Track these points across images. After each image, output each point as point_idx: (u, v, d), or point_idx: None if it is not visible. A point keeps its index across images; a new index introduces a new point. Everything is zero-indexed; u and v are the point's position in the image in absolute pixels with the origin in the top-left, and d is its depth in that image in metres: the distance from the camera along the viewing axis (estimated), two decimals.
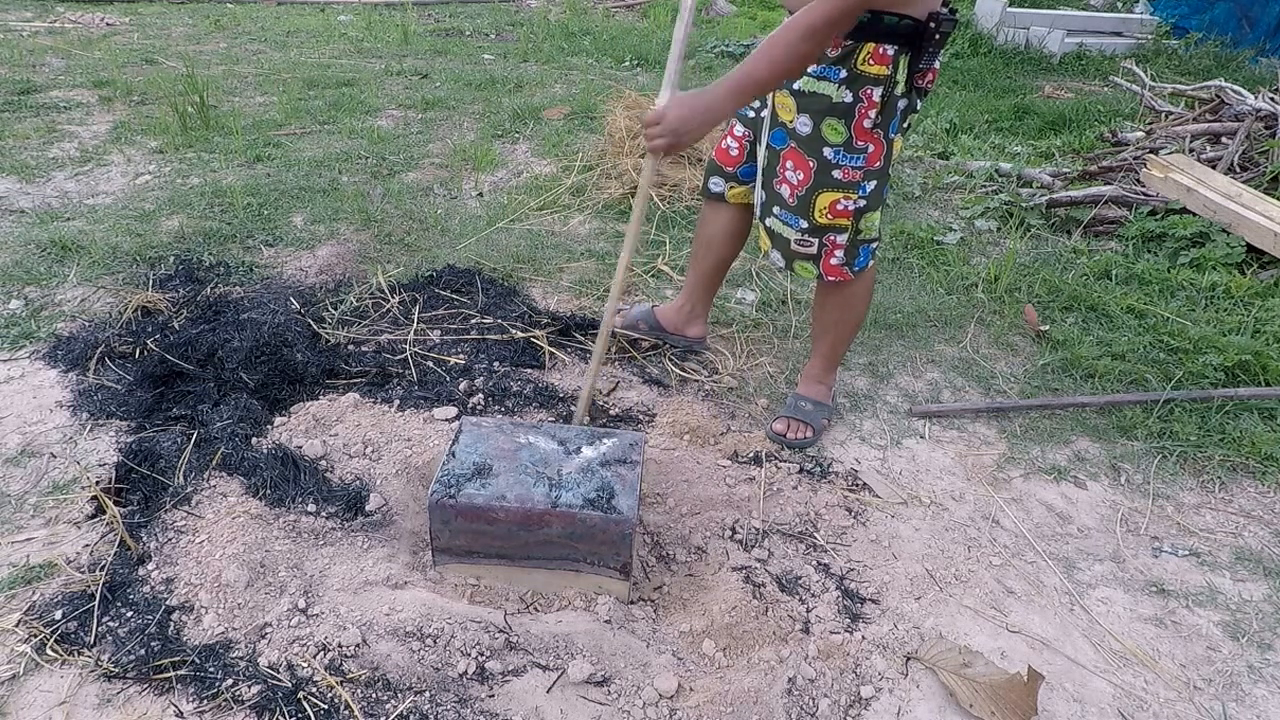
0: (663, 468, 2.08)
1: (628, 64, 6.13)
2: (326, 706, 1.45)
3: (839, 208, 1.93)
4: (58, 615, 1.59)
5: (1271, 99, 4.11)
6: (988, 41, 6.64)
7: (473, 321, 2.65)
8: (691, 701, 1.51)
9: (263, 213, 3.30)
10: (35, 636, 1.55)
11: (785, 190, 1.98)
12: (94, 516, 1.83)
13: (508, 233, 3.28)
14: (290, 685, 1.48)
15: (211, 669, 1.51)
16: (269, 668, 1.51)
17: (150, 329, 2.47)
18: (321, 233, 3.17)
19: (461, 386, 2.33)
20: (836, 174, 1.89)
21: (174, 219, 3.20)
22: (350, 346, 2.50)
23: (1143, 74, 5.09)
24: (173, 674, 1.50)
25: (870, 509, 2.03)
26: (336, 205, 3.39)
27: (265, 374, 2.29)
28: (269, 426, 2.11)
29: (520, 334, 2.58)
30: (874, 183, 1.92)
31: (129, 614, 1.61)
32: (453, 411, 2.23)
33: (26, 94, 4.62)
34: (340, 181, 3.66)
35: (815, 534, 1.93)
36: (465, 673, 1.52)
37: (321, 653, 1.54)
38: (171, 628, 1.59)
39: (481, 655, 1.55)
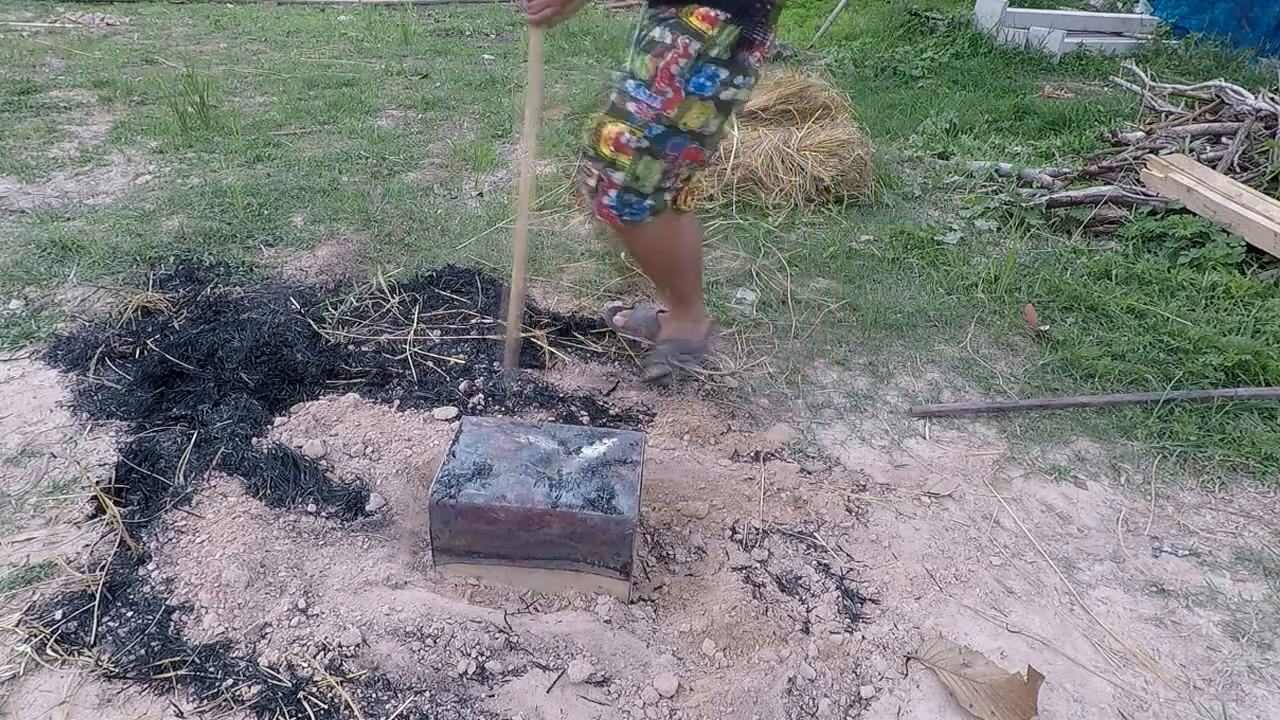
0: (663, 467, 2.08)
1: None
2: (326, 706, 1.45)
3: (621, 141, 1.94)
4: (58, 615, 1.59)
5: (1271, 99, 4.11)
6: (988, 41, 6.64)
7: (473, 321, 2.65)
8: (691, 701, 1.51)
9: (263, 213, 3.30)
10: (35, 636, 1.55)
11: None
12: (94, 516, 1.83)
13: (508, 233, 3.28)
14: (290, 685, 1.48)
15: (211, 669, 1.51)
16: (269, 668, 1.51)
17: (150, 329, 2.47)
18: (321, 233, 3.17)
19: (461, 386, 2.33)
20: (631, 106, 1.92)
21: (174, 219, 3.20)
22: (350, 346, 2.50)
23: (1143, 74, 5.09)
24: (173, 674, 1.50)
25: (870, 509, 2.03)
26: (336, 205, 3.39)
27: (265, 374, 2.29)
28: (269, 426, 2.12)
29: (520, 334, 2.57)
30: (661, 128, 1.92)
31: (129, 614, 1.61)
32: (453, 411, 2.23)
33: (26, 94, 4.62)
34: (340, 181, 3.66)
35: (815, 534, 1.93)
36: (465, 673, 1.52)
37: (321, 653, 1.54)
38: (171, 628, 1.59)
39: (481, 655, 1.55)
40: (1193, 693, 1.63)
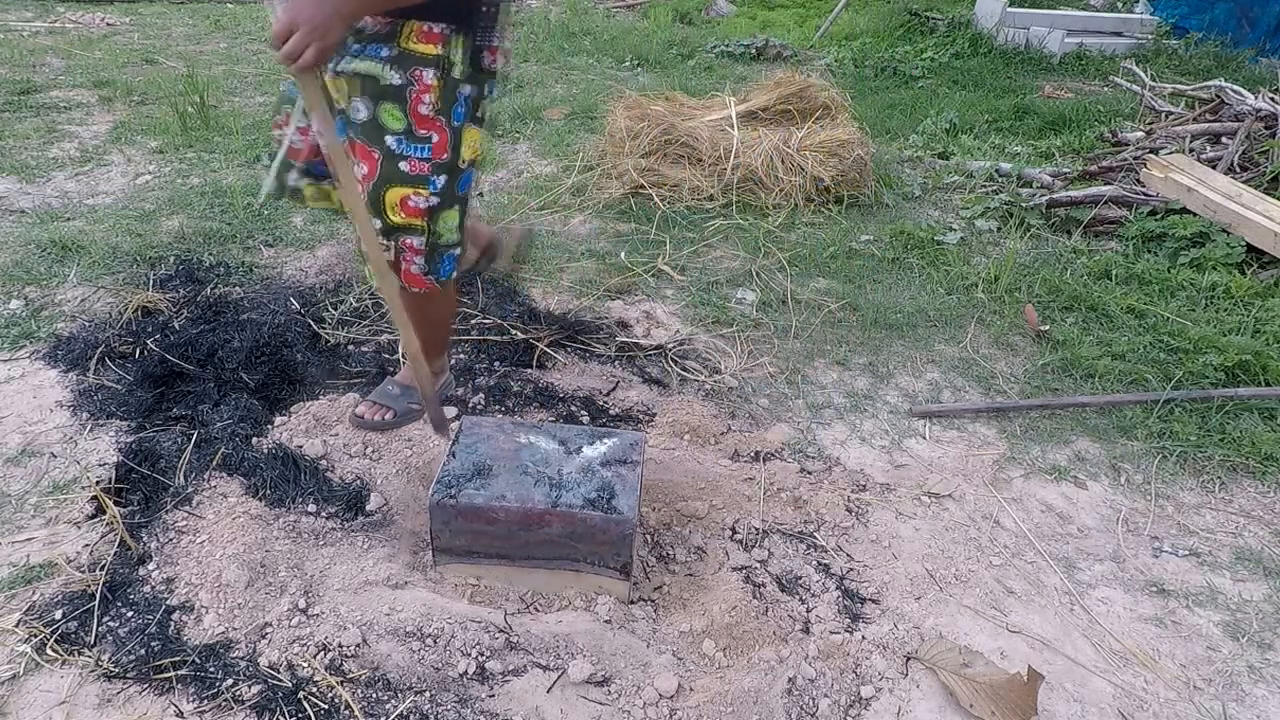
0: (663, 467, 2.08)
1: (628, 64, 6.13)
2: (327, 706, 1.45)
3: (410, 205, 1.70)
4: (58, 615, 1.59)
5: (1271, 99, 4.11)
6: (988, 41, 6.64)
7: (473, 321, 2.65)
8: (691, 701, 1.51)
9: (263, 213, 3.30)
10: (35, 636, 1.55)
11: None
12: (94, 516, 1.83)
13: (508, 233, 3.28)
14: (290, 685, 1.48)
15: (212, 669, 1.51)
16: (269, 668, 1.51)
17: (150, 329, 2.47)
18: (321, 233, 3.17)
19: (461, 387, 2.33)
20: (403, 166, 1.67)
21: (174, 219, 3.20)
22: (350, 346, 2.50)
23: (1143, 74, 5.09)
24: (173, 674, 1.50)
25: (870, 509, 2.03)
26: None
27: (265, 374, 2.30)
28: (269, 426, 2.12)
29: (521, 334, 2.58)
30: (444, 177, 1.70)
31: (129, 614, 1.61)
32: (453, 411, 2.22)
33: (26, 94, 4.62)
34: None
35: (815, 534, 1.93)
36: (465, 673, 1.52)
37: (322, 653, 1.54)
38: (172, 628, 1.59)
39: (482, 655, 1.55)
40: (1193, 693, 1.63)
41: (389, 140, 1.65)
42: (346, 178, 1.56)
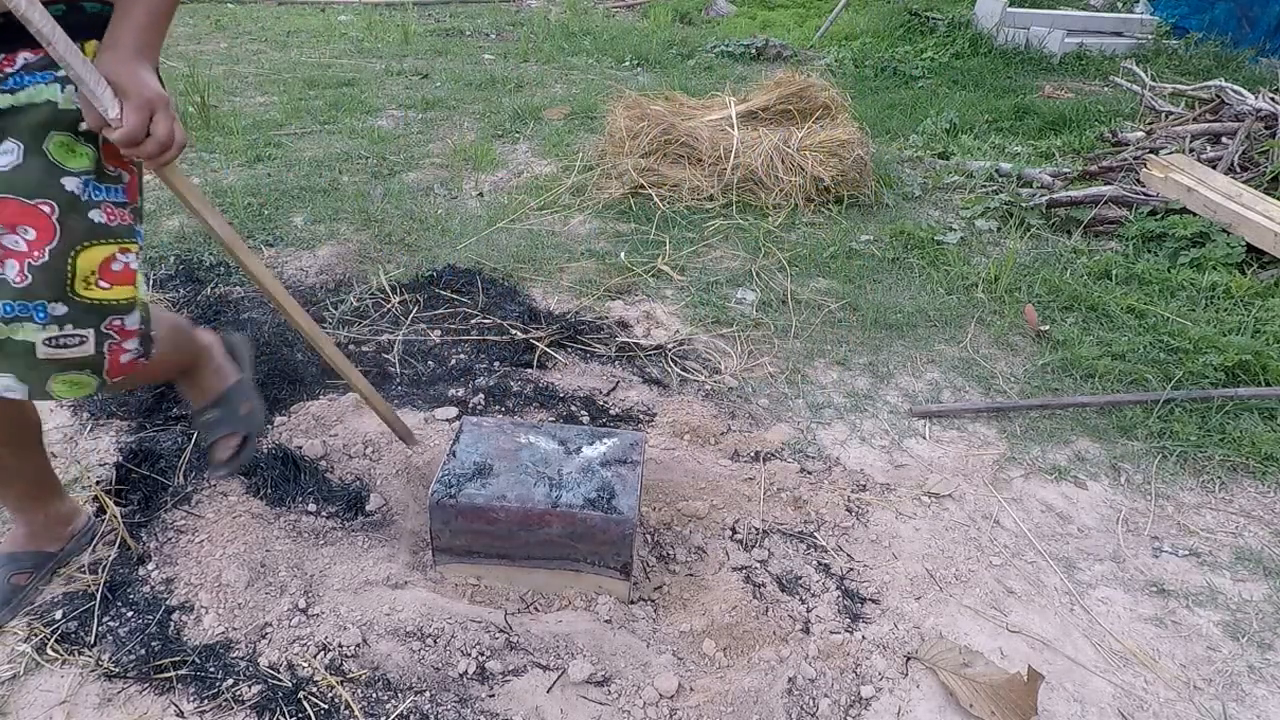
0: (663, 467, 2.08)
1: (628, 64, 6.13)
2: (327, 706, 1.45)
3: (116, 269, 1.26)
4: (58, 615, 1.59)
5: (1271, 99, 4.11)
6: (988, 41, 6.64)
7: (473, 321, 2.66)
8: (691, 701, 1.51)
9: (263, 213, 3.30)
10: (36, 636, 1.55)
11: (11, 267, 1.19)
12: (94, 516, 1.83)
13: (508, 233, 3.29)
14: (290, 685, 1.48)
15: (212, 669, 1.51)
16: (269, 667, 1.51)
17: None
18: (321, 233, 3.18)
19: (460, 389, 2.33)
20: (97, 216, 1.23)
21: (174, 219, 3.20)
22: (350, 346, 2.51)
23: (1143, 74, 5.09)
24: (173, 674, 1.50)
25: (871, 509, 2.03)
26: (336, 205, 3.39)
27: (265, 374, 2.30)
28: (269, 426, 2.12)
29: (520, 334, 2.58)
30: (143, 225, 1.35)
31: (129, 614, 1.61)
32: (453, 411, 2.23)
33: None
34: (340, 181, 3.66)
35: (815, 534, 1.93)
36: (465, 672, 1.52)
37: (322, 653, 1.54)
38: (172, 627, 1.59)
39: (482, 655, 1.55)
40: (1193, 693, 1.63)
41: (68, 184, 1.20)
42: (253, 264, 1.33)
